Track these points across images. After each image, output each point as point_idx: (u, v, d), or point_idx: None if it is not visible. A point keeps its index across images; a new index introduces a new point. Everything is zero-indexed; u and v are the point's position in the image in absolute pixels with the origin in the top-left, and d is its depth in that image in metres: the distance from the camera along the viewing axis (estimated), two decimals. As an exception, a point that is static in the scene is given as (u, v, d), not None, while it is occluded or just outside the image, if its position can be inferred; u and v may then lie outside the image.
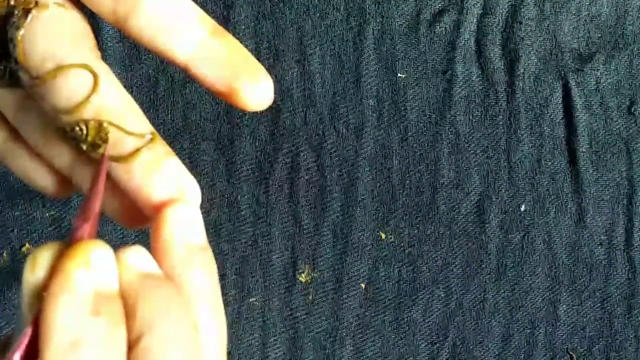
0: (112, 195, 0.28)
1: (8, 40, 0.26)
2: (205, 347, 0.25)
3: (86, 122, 0.26)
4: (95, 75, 0.26)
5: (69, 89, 0.25)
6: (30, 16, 0.26)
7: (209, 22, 0.27)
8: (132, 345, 0.22)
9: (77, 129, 0.26)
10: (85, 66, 0.26)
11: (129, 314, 0.23)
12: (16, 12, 0.26)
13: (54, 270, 0.22)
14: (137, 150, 0.26)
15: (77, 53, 0.26)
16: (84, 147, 0.26)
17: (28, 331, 0.22)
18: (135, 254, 0.24)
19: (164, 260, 0.25)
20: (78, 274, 0.22)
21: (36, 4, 0.26)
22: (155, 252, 0.26)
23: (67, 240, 0.24)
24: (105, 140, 0.26)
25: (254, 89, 0.27)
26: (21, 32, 0.26)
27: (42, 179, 0.30)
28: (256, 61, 0.28)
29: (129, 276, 0.24)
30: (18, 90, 0.28)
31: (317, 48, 0.50)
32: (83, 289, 0.22)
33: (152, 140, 0.26)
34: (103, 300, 0.22)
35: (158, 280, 0.24)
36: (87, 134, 0.26)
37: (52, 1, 0.27)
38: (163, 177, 0.26)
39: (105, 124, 0.26)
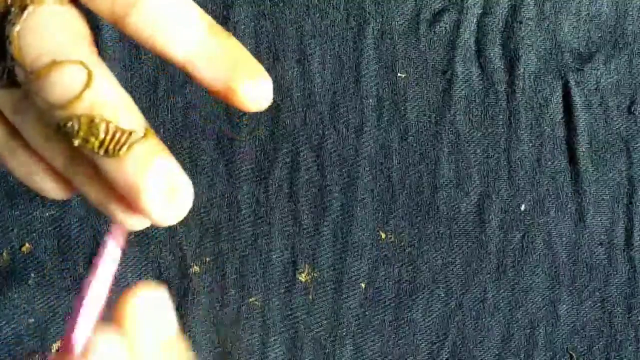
0: (101, 188, 0.28)
1: (5, 38, 0.26)
2: None
3: (78, 118, 0.25)
4: (89, 72, 0.25)
5: (62, 85, 0.25)
6: (26, 12, 0.26)
7: (208, 20, 0.27)
8: None
9: (70, 124, 0.26)
10: (79, 62, 0.25)
11: None
12: (13, 9, 0.26)
13: None
14: (129, 146, 0.26)
15: (73, 49, 0.26)
16: (76, 142, 0.26)
17: None
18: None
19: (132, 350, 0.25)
20: None
21: (33, 0, 0.26)
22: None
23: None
24: (97, 136, 0.25)
25: (251, 88, 0.27)
26: (17, 28, 0.26)
27: (42, 180, 0.30)
28: (255, 60, 0.27)
29: None
30: (16, 90, 0.28)
31: (317, 48, 0.50)
32: None
33: (145, 136, 0.26)
34: None
35: None
36: (79, 130, 0.26)
37: None
38: (155, 174, 0.26)
39: (97, 119, 0.25)
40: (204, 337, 0.48)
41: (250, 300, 0.49)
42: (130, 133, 0.26)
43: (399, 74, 0.51)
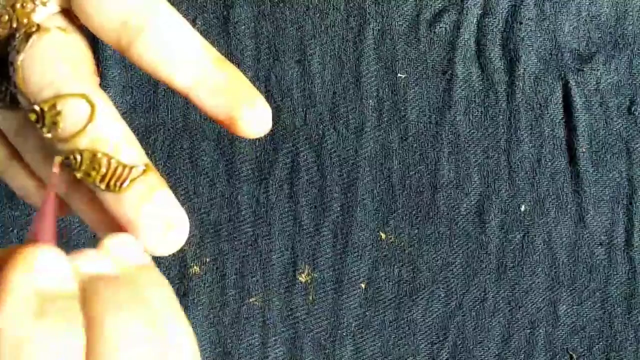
0: (98, 213, 0.28)
1: (9, 63, 0.26)
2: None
3: (81, 152, 0.26)
4: (92, 105, 0.26)
5: (65, 119, 0.26)
6: (31, 41, 0.26)
7: (211, 51, 0.28)
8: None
9: (72, 157, 0.26)
10: (83, 96, 0.26)
11: (85, 315, 0.22)
12: (18, 35, 0.26)
13: None
14: (130, 181, 0.26)
15: (76, 81, 0.26)
16: (78, 175, 0.26)
17: None
18: (87, 257, 0.24)
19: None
20: (19, 278, 0.21)
21: (38, 28, 0.26)
22: None
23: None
24: (98, 170, 0.26)
25: (251, 117, 0.28)
26: (21, 57, 0.26)
27: (39, 198, 0.30)
28: (255, 90, 0.28)
29: (81, 280, 0.23)
30: (19, 112, 0.28)
31: (317, 48, 0.50)
32: (24, 292, 0.21)
33: (145, 171, 0.26)
34: (49, 302, 0.21)
35: (109, 279, 0.24)
36: (81, 163, 0.26)
37: (54, 25, 0.27)
38: (153, 208, 0.26)
39: (99, 155, 0.26)
40: (204, 337, 0.48)
41: (250, 300, 0.49)
42: (131, 168, 0.26)
43: (399, 74, 0.51)
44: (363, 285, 0.50)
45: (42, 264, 0.22)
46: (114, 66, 0.48)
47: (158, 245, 0.27)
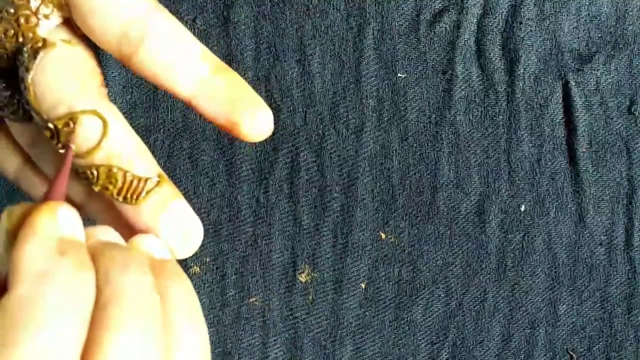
0: (114, 219, 0.29)
1: (19, 79, 0.27)
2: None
3: (97, 167, 0.27)
4: (104, 122, 0.26)
5: (80, 136, 0.26)
6: (39, 58, 0.26)
7: (211, 59, 0.28)
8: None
9: (89, 172, 0.27)
10: (94, 112, 0.26)
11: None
12: (25, 50, 0.26)
13: (25, 219, 0.24)
14: (146, 193, 0.27)
15: (86, 96, 0.26)
16: (96, 189, 0.27)
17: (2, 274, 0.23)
18: (101, 229, 0.26)
19: None
20: (45, 221, 0.23)
21: (44, 43, 0.27)
22: None
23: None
24: (115, 184, 0.27)
25: (253, 122, 0.28)
26: (31, 74, 0.26)
27: None
28: (256, 95, 0.29)
29: (92, 242, 0.25)
30: (32, 125, 0.28)
31: (317, 48, 0.50)
32: (49, 232, 0.23)
33: (159, 182, 0.27)
34: (68, 244, 0.23)
35: (117, 246, 0.25)
36: (98, 178, 0.27)
37: (59, 38, 0.27)
38: (170, 218, 0.27)
39: (114, 169, 0.27)
40: (204, 337, 0.48)
41: (250, 300, 0.49)
42: (146, 180, 0.27)
43: (399, 74, 0.51)
44: (363, 285, 0.50)
45: (64, 214, 0.24)
46: (114, 66, 0.48)
47: (176, 250, 0.28)
